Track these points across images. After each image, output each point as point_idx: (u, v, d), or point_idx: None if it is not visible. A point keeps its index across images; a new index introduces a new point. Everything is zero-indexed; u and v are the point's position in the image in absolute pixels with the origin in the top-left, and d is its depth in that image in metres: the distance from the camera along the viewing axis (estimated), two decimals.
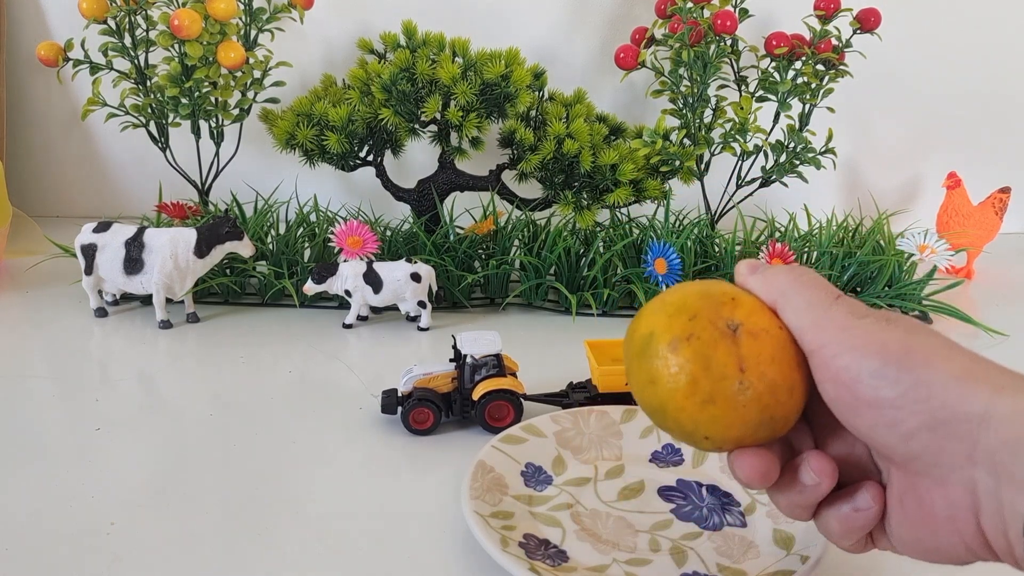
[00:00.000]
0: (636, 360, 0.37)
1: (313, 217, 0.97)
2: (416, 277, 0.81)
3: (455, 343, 0.64)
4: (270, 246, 0.91)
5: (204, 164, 1.03)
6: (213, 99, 0.96)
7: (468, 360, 0.62)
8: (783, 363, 0.35)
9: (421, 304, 0.82)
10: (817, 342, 0.35)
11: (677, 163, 0.92)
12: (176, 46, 0.91)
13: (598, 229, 0.93)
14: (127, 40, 0.93)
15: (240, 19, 0.96)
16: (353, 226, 0.85)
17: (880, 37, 0.95)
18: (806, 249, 0.92)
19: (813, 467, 0.36)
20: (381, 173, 0.96)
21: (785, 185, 0.98)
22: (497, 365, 0.63)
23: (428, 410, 0.62)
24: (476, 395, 0.62)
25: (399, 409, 0.63)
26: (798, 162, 0.94)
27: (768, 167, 0.96)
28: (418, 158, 1.13)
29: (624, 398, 0.64)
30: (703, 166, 0.99)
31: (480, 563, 0.48)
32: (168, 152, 1.01)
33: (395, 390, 0.64)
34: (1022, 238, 1.24)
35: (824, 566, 0.46)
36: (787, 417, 0.36)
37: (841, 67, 0.93)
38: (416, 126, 0.92)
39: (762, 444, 0.36)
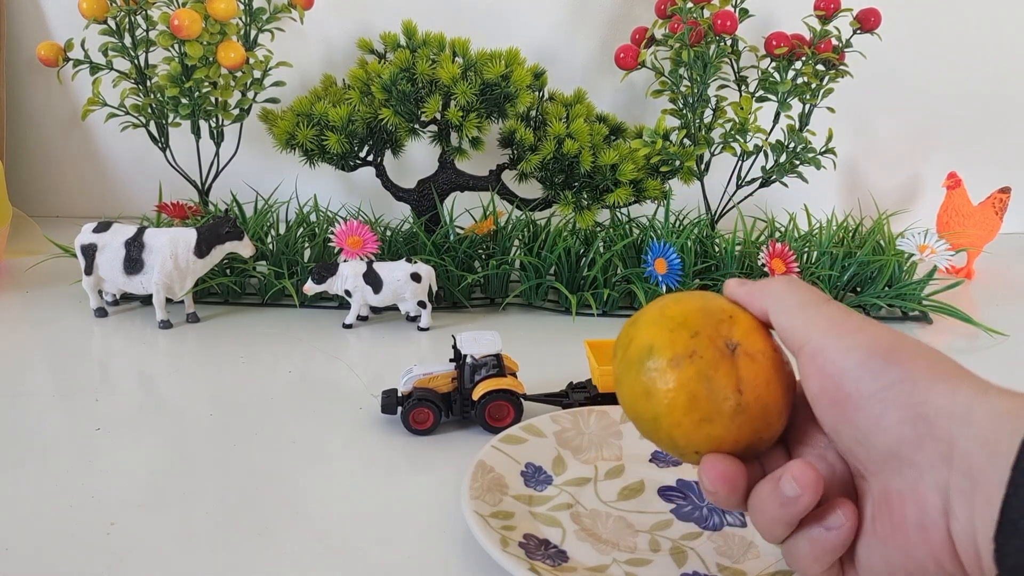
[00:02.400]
0: (632, 370, 0.37)
1: (313, 217, 0.97)
2: (416, 277, 0.81)
3: (455, 343, 0.64)
4: (270, 246, 0.91)
5: (204, 164, 1.03)
6: (213, 99, 0.96)
7: (468, 360, 0.62)
8: (776, 387, 0.36)
9: (421, 304, 0.82)
10: (806, 337, 0.35)
11: (677, 163, 0.92)
12: (176, 46, 0.91)
13: (598, 229, 0.93)
14: (127, 40, 0.93)
15: (240, 19, 0.96)
16: (353, 226, 0.85)
17: (880, 37, 0.95)
18: (806, 249, 0.92)
19: (796, 476, 0.34)
20: (381, 173, 0.96)
21: (785, 185, 0.98)
22: (497, 365, 0.63)
23: (428, 410, 0.62)
24: (476, 395, 0.62)
25: (399, 409, 0.63)
26: (798, 162, 0.94)
27: (768, 167, 0.96)
28: (418, 158, 1.13)
29: None
30: (703, 166, 0.99)
31: (480, 563, 0.48)
32: (168, 152, 1.01)
33: (395, 390, 0.64)
34: (1022, 238, 1.24)
35: None
36: (772, 438, 0.37)
37: (841, 67, 0.93)
38: (416, 126, 0.92)
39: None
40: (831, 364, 0.34)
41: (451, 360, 0.66)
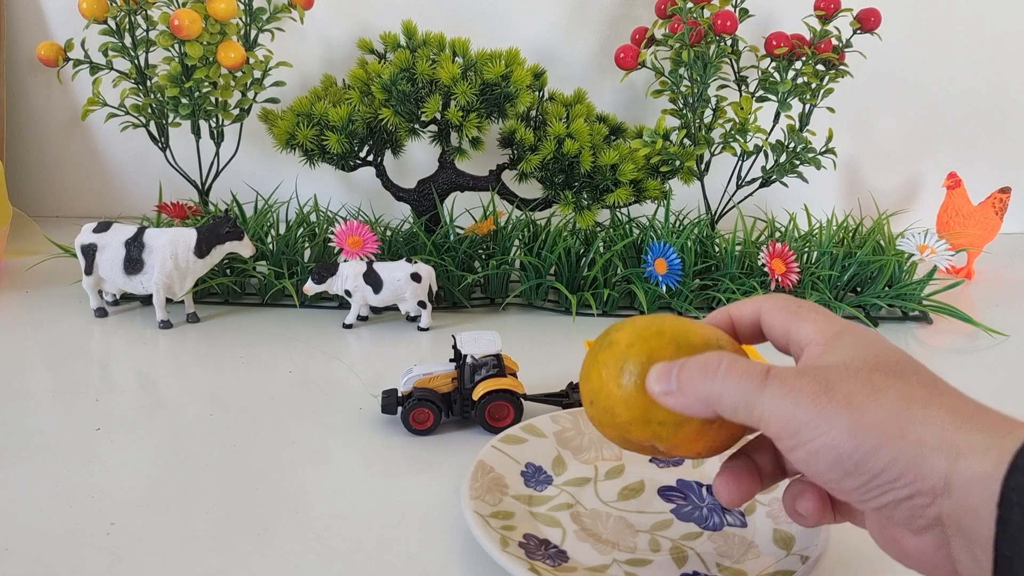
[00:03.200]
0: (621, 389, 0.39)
1: (313, 217, 0.97)
2: (416, 277, 0.81)
3: (455, 343, 0.64)
4: (270, 246, 0.91)
5: (204, 164, 1.03)
6: (213, 99, 0.96)
7: (468, 360, 0.62)
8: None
9: (421, 304, 0.82)
10: (769, 435, 0.34)
11: (677, 163, 0.92)
12: (176, 46, 0.91)
13: (598, 229, 0.93)
14: (127, 40, 0.93)
15: (240, 19, 0.96)
16: (353, 226, 0.85)
17: (880, 37, 0.95)
18: (806, 249, 0.92)
19: (807, 507, 0.38)
20: (381, 173, 0.96)
21: (785, 185, 0.98)
22: (497, 365, 0.63)
23: (428, 410, 0.62)
24: (476, 395, 0.62)
25: (399, 409, 0.63)
26: (798, 162, 0.94)
27: (768, 167, 0.96)
28: (418, 158, 1.13)
29: None
30: (703, 166, 0.99)
31: (480, 563, 0.48)
32: (168, 152, 1.01)
33: (395, 390, 0.64)
34: (1022, 238, 1.24)
35: (824, 566, 0.46)
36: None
37: (841, 67, 0.93)
38: (416, 126, 0.92)
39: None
40: (803, 467, 0.33)
41: (451, 360, 0.66)
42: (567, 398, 0.65)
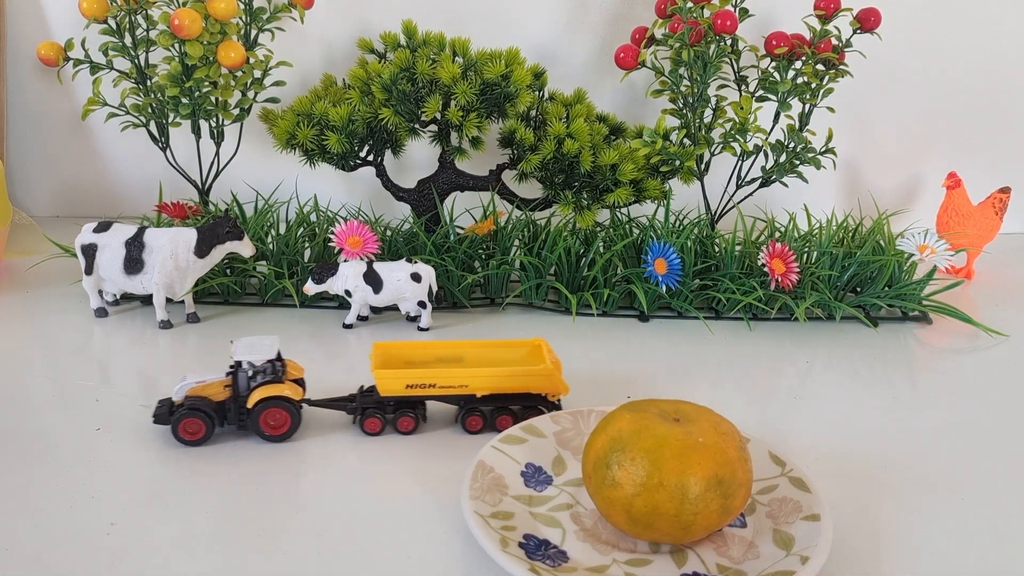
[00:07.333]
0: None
1: (313, 217, 0.97)
2: (416, 277, 0.81)
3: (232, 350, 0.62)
4: (270, 246, 0.91)
5: (204, 164, 1.03)
6: (213, 99, 0.96)
7: (244, 366, 0.60)
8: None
9: (421, 304, 0.82)
10: None
11: (677, 163, 0.92)
12: (176, 46, 0.91)
13: (598, 229, 0.93)
14: (127, 40, 0.93)
15: (240, 19, 0.96)
16: (353, 226, 0.85)
17: (880, 37, 0.95)
18: (806, 249, 0.92)
19: None
20: (381, 173, 0.96)
21: (785, 185, 0.98)
22: (273, 371, 0.61)
23: (199, 420, 0.60)
24: (251, 403, 0.60)
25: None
26: (798, 162, 0.94)
27: (768, 167, 0.96)
28: (418, 158, 1.13)
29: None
30: (703, 166, 0.99)
31: (480, 563, 0.48)
32: (168, 152, 1.01)
33: (170, 399, 0.62)
34: (1022, 238, 1.24)
35: (824, 566, 0.46)
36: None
37: (841, 67, 0.93)
38: (416, 126, 0.92)
39: None
40: None
41: (231, 367, 0.62)
42: (354, 402, 0.64)
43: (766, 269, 0.85)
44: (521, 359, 0.68)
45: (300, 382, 0.64)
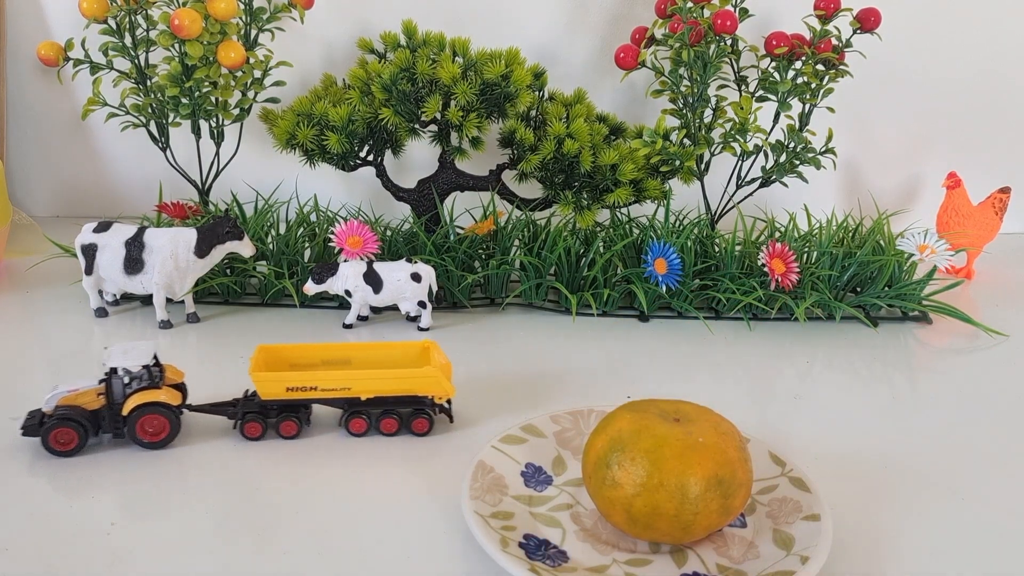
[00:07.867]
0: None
1: (313, 217, 0.97)
2: (416, 277, 0.81)
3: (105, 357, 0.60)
4: (270, 246, 0.91)
5: (204, 164, 1.03)
6: (213, 99, 0.96)
7: (119, 373, 0.59)
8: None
9: (421, 304, 0.82)
10: None
11: (677, 163, 0.92)
12: (176, 46, 0.91)
13: (598, 229, 0.93)
14: (127, 40, 0.93)
15: (240, 19, 0.96)
16: (353, 226, 0.85)
17: (880, 37, 0.95)
18: (806, 249, 0.92)
19: None
20: (381, 173, 0.96)
21: (785, 185, 0.98)
22: (150, 377, 0.59)
23: (71, 430, 0.58)
24: (126, 410, 0.58)
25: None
26: (798, 162, 0.94)
27: (768, 167, 0.96)
28: (418, 158, 1.13)
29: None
30: (703, 166, 0.99)
31: (480, 563, 0.48)
32: (168, 152, 1.01)
33: (40, 410, 0.59)
34: (1022, 238, 1.24)
35: (824, 566, 0.46)
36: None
37: (841, 67, 0.93)
38: (416, 126, 0.92)
39: None
40: None
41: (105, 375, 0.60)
42: (235, 407, 0.63)
43: (766, 269, 0.85)
44: (408, 361, 0.67)
45: (181, 387, 0.62)
